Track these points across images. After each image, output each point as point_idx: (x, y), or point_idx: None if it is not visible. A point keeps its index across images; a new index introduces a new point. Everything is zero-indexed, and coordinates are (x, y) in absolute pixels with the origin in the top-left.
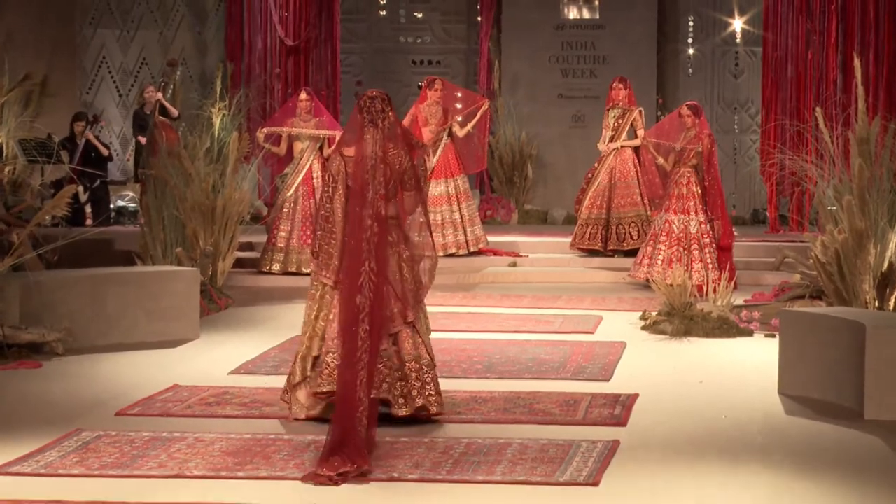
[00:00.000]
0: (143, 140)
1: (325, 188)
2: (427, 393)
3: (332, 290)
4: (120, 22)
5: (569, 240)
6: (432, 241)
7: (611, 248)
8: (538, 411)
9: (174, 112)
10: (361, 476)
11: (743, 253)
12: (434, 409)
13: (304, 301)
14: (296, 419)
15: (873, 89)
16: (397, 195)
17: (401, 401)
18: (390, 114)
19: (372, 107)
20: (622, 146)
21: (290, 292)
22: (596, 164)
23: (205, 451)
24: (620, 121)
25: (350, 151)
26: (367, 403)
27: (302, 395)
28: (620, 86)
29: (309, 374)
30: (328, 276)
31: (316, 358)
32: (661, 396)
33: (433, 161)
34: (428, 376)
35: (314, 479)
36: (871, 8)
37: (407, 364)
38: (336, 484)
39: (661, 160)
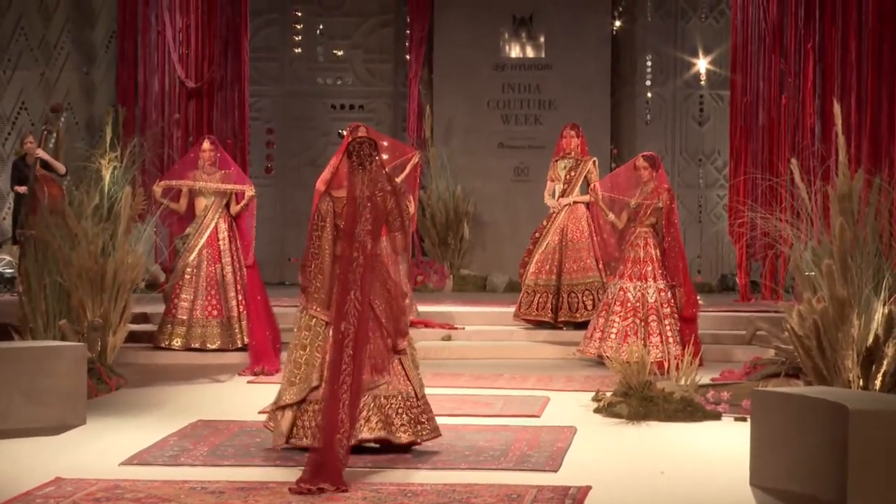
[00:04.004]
0: (22, 190)
1: (314, 226)
2: (417, 425)
3: (327, 325)
4: None
5: (511, 309)
6: (408, 280)
7: (562, 319)
8: None
9: (61, 169)
10: (340, 492)
11: (709, 325)
12: (426, 438)
13: (210, 381)
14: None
15: (855, 138)
16: (382, 234)
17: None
18: (377, 158)
19: (361, 151)
20: (575, 202)
21: (192, 370)
22: (545, 223)
23: None
24: (573, 173)
25: (339, 193)
26: (349, 426)
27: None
28: (572, 133)
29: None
30: (319, 310)
31: (316, 388)
32: (617, 489)
33: None
34: (416, 409)
35: (297, 489)
36: (851, 47)
37: (396, 398)
38: (314, 494)
39: (611, 216)
